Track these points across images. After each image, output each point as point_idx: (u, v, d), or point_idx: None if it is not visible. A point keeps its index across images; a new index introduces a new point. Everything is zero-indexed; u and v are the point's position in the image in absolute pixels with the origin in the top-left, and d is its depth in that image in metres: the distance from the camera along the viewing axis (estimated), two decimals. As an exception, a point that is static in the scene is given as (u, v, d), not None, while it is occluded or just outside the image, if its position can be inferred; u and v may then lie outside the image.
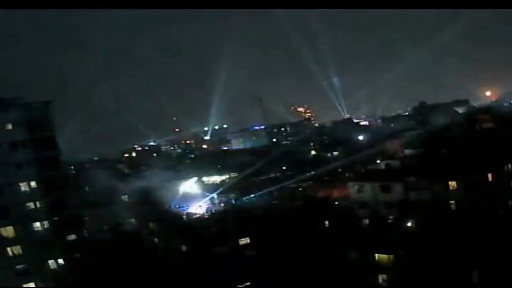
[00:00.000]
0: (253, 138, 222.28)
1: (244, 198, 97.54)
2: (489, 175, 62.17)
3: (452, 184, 60.88)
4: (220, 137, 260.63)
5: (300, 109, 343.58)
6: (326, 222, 68.88)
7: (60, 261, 58.58)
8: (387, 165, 78.14)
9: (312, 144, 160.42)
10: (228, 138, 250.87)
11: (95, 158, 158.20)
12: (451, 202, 60.06)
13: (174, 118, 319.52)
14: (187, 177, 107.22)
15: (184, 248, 67.46)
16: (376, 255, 51.72)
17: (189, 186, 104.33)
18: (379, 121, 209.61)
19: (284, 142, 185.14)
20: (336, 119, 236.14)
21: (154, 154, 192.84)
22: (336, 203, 78.11)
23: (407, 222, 59.69)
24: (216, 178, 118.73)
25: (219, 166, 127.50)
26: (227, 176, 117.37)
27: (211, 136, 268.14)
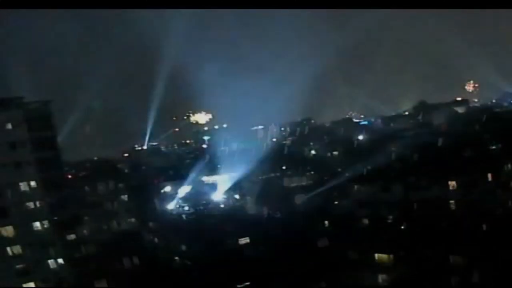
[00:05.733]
0: (253, 137, 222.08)
1: (243, 198, 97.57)
2: (489, 175, 62.33)
3: (452, 184, 61.06)
4: (220, 137, 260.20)
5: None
6: (326, 222, 69.01)
7: (60, 261, 58.63)
8: (386, 164, 78.14)
9: (312, 143, 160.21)
10: (228, 138, 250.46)
11: (95, 158, 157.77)
12: (450, 202, 60.28)
13: (174, 118, 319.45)
14: (186, 177, 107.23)
15: (184, 247, 67.51)
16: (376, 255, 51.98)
17: (189, 186, 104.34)
18: (379, 120, 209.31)
19: (284, 142, 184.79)
20: (336, 119, 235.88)
21: (154, 154, 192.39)
22: (336, 202, 78.12)
23: (407, 222, 59.78)
24: (216, 178, 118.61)
25: (218, 166, 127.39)
26: (227, 176, 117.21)
27: (211, 136, 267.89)
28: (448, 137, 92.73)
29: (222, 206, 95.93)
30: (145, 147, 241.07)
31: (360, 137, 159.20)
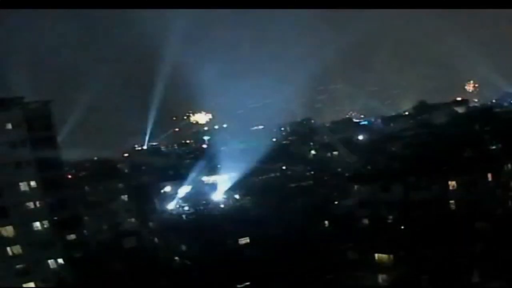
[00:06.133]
0: (253, 137, 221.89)
1: (243, 198, 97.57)
2: (489, 175, 62.33)
3: (452, 183, 61.06)
4: (220, 137, 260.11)
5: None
6: (326, 222, 69.02)
7: (60, 261, 58.63)
8: (386, 164, 78.20)
9: (311, 143, 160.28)
10: (228, 138, 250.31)
11: (95, 158, 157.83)
12: (450, 202, 60.30)
13: (174, 118, 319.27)
14: (186, 177, 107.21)
15: (184, 247, 67.52)
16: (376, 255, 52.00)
17: (189, 186, 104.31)
18: (379, 120, 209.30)
19: (284, 142, 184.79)
20: (336, 119, 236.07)
21: (154, 154, 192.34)
22: (336, 202, 78.12)
23: (407, 222, 59.74)
24: (216, 178, 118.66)
25: (218, 166, 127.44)
26: (227, 176, 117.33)
27: (211, 136, 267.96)
28: (448, 137, 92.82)
29: (222, 206, 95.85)
30: (145, 147, 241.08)
31: (360, 137, 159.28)
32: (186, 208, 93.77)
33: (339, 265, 51.42)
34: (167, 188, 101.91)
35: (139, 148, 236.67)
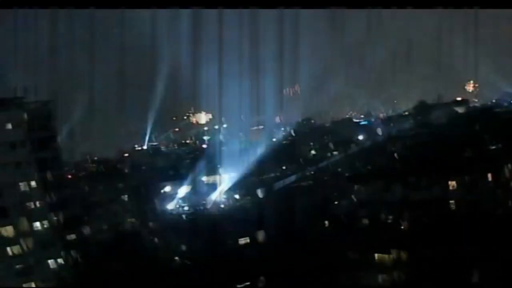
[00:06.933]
0: (253, 137, 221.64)
1: (243, 198, 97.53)
2: (489, 175, 62.38)
3: (452, 183, 61.12)
4: (220, 137, 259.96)
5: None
6: (326, 222, 68.99)
7: (60, 261, 58.63)
8: (386, 165, 78.17)
9: (312, 143, 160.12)
10: (228, 138, 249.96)
11: (95, 158, 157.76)
12: (450, 202, 60.34)
13: (174, 118, 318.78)
14: (186, 177, 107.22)
15: (184, 247, 67.53)
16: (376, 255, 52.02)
17: (189, 186, 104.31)
18: (379, 120, 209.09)
19: (284, 142, 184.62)
20: (336, 119, 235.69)
21: (154, 154, 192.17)
22: (336, 202, 78.02)
23: (407, 222, 59.81)
24: (216, 178, 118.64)
25: (218, 166, 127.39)
26: (227, 176, 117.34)
27: (211, 136, 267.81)
28: (448, 137, 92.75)
29: (222, 206, 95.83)
30: (145, 147, 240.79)
31: (360, 137, 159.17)
32: (186, 208, 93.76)
33: (339, 265, 51.37)
34: (167, 188, 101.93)
35: (139, 148, 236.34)
